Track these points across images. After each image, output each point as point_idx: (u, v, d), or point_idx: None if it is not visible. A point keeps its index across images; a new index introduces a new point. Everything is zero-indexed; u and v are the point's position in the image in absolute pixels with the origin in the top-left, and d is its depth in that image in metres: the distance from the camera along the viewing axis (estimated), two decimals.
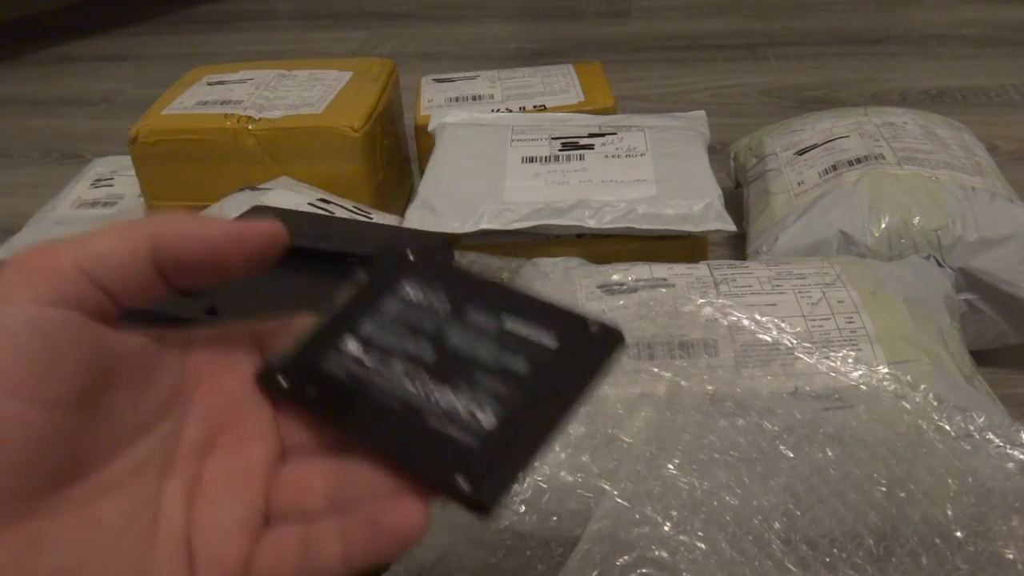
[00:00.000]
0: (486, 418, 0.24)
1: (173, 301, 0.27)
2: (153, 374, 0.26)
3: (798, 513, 0.36)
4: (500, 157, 0.62)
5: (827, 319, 0.44)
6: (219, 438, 0.27)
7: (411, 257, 0.30)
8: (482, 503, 0.22)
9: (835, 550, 0.34)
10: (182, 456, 0.26)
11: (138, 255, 0.24)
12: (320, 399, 0.26)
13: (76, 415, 0.22)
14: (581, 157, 0.61)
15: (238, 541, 0.24)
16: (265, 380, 0.27)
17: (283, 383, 0.27)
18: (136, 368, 0.25)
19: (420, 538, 0.23)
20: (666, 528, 0.34)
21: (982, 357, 0.50)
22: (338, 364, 0.27)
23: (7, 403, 0.21)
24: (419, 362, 0.26)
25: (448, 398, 0.25)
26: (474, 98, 0.75)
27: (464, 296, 0.28)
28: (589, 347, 0.26)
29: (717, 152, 0.74)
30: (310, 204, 0.61)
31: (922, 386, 0.40)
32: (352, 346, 0.27)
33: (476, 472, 0.23)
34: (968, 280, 0.53)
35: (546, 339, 0.26)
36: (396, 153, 0.78)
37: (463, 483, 0.23)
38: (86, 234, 0.24)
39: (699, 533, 0.34)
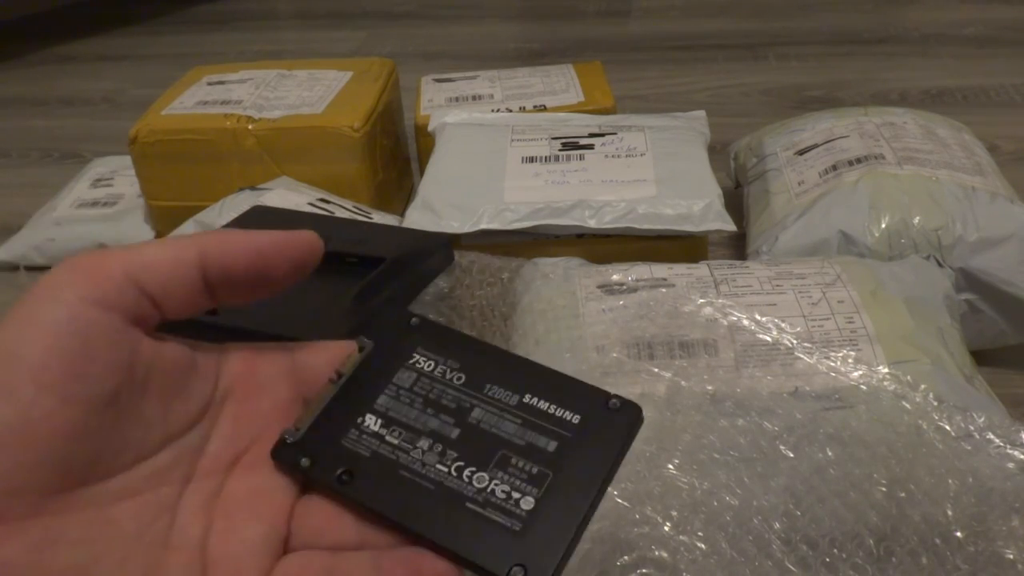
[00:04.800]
0: (524, 500, 0.24)
1: None
2: (186, 386, 0.26)
3: (798, 513, 0.35)
4: (500, 157, 0.62)
5: (827, 319, 0.44)
6: (245, 457, 0.27)
7: (414, 321, 0.29)
8: None
9: (835, 550, 0.34)
10: (204, 469, 0.26)
11: (186, 264, 0.25)
12: (349, 482, 0.26)
13: (104, 416, 0.23)
14: (581, 157, 0.61)
15: (256, 560, 0.24)
16: (283, 457, 0.26)
17: (304, 462, 0.26)
18: (170, 378, 0.25)
19: None
20: (666, 528, 0.34)
21: (982, 357, 0.50)
22: (361, 443, 0.26)
23: (39, 397, 0.21)
24: (445, 439, 0.26)
25: (482, 479, 0.25)
26: (474, 98, 0.75)
27: (478, 367, 0.28)
28: (611, 422, 0.26)
29: (717, 152, 0.74)
30: (310, 204, 0.61)
31: (922, 386, 0.40)
32: (372, 422, 0.27)
33: (531, 564, 0.23)
34: (968, 280, 0.53)
35: (568, 414, 0.26)
36: (396, 153, 0.78)
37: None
38: (138, 244, 0.25)
39: (699, 533, 0.34)
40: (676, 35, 1.23)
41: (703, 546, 0.34)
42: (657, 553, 0.34)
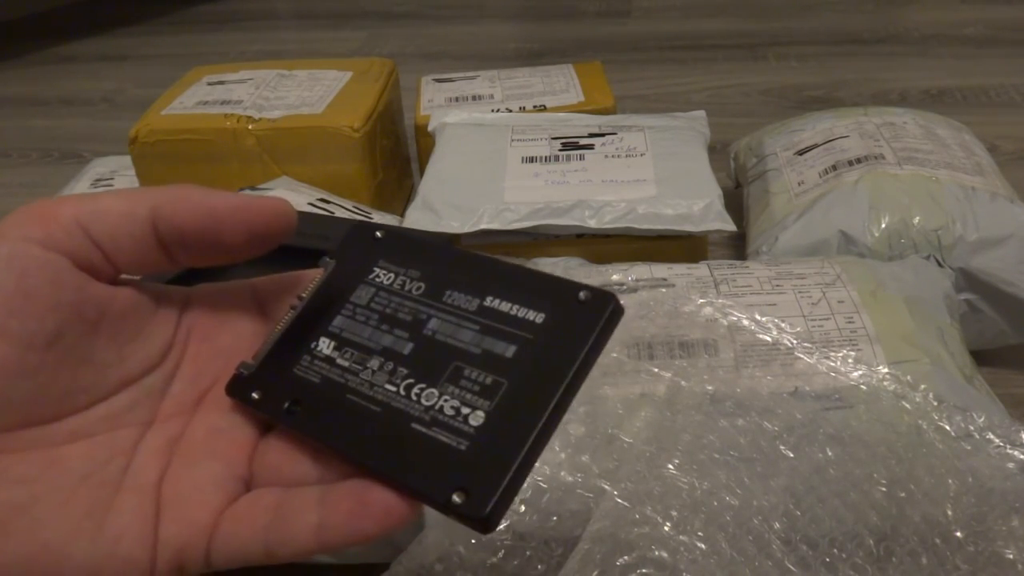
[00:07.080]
0: (474, 415, 0.22)
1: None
2: (144, 328, 0.25)
3: (798, 513, 0.35)
4: (500, 157, 0.62)
5: (827, 319, 0.44)
6: (209, 395, 0.26)
7: (378, 234, 0.28)
8: (483, 521, 0.21)
9: (835, 550, 0.34)
10: (167, 411, 0.25)
11: (137, 218, 0.24)
12: (296, 413, 0.25)
13: (45, 355, 0.22)
14: (581, 157, 0.61)
15: (210, 500, 0.24)
16: (238, 393, 0.26)
17: (255, 396, 0.25)
18: (125, 321, 0.25)
19: (403, 525, 0.22)
20: (666, 528, 0.34)
21: (982, 357, 0.50)
22: (312, 369, 0.25)
23: None
24: (397, 356, 0.24)
25: (431, 395, 0.23)
26: (474, 98, 0.75)
27: (440, 274, 0.26)
28: (580, 317, 0.23)
29: (717, 152, 0.74)
30: (310, 204, 0.61)
31: (922, 386, 0.40)
32: (325, 346, 0.26)
33: (473, 488, 0.21)
34: (968, 280, 0.53)
35: (531, 314, 0.24)
36: (396, 153, 0.78)
37: (460, 501, 0.21)
38: (95, 193, 0.24)
39: (699, 533, 0.34)
40: (676, 35, 1.22)
41: (703, 546, 0.34)
42: (657, 553, 0.34)
